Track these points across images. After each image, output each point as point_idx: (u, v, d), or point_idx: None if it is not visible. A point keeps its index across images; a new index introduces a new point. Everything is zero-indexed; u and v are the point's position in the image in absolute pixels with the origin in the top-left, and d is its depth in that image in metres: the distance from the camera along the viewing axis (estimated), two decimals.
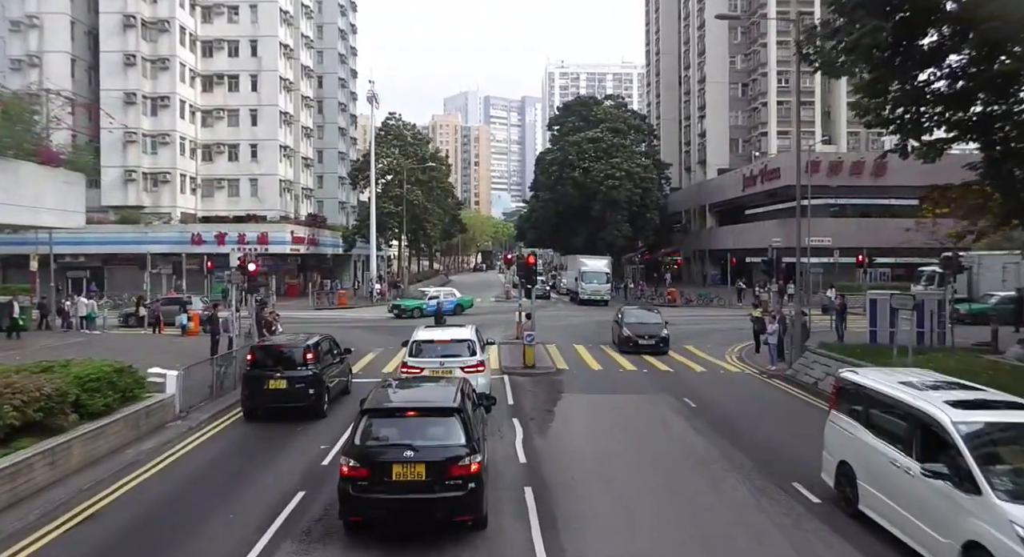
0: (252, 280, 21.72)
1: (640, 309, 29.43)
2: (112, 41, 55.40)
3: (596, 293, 49.05)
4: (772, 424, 15.61)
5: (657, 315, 27.50)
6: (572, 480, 11.50)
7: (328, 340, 17.66)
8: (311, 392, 15.62)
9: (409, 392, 10.63)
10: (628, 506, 10.35)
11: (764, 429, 15.08)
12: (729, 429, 14.95)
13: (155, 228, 53.75)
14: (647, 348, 25.29)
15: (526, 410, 16.71)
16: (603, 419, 15.92)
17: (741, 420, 15.82)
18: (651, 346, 25.41)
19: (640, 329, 25.83)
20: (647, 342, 25.43)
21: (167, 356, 23.34)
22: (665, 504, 10.54)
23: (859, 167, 54.15)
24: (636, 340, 25.45)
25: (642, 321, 26.60)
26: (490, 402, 11.96)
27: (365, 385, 19.68)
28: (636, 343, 25.40)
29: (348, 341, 29.96)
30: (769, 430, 15.01)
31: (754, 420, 15.88)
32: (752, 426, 15.29)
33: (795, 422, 15.79)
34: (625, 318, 26.95)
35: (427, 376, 12.59)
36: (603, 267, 51.04)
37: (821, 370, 19.65)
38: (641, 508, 10.31)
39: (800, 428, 14.94)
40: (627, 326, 26.10)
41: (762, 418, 16.14)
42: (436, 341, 16.18)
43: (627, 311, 28.20)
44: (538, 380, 20.60)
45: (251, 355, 16.04)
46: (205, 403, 16.96)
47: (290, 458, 13.04)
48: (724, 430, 14.86)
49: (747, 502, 10.57)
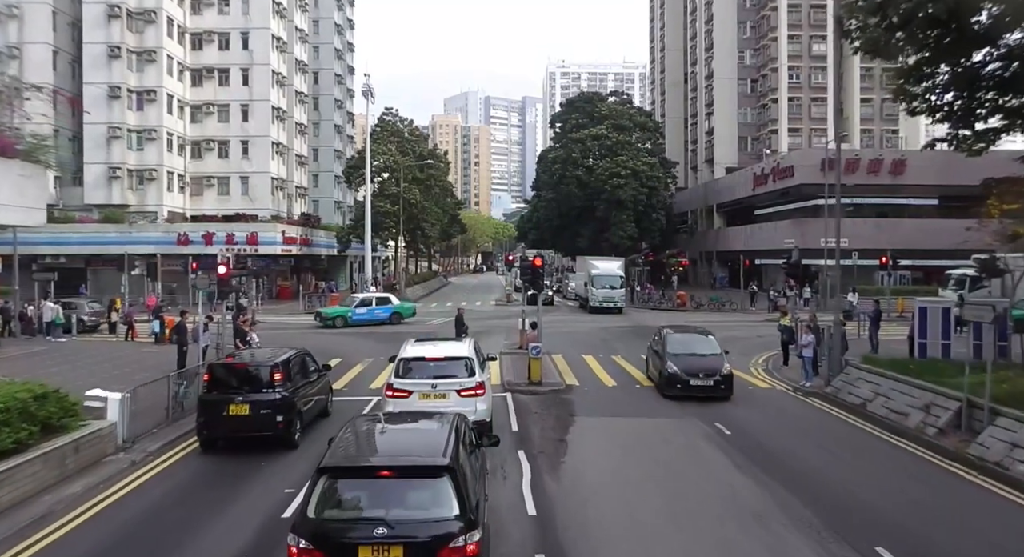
0: (224, 284, 19.14)
1: (688, 333, 20.58)
2: (96, 32, 52.94)
3: (609, 299, 43.51)
4: (827, 459, 13.13)
5: (711, 339, 19.66)
6: (597, 542, 9.08)
7: (302, 356, 15.21)
8: (279, 419, 13.19)
9: (386, 438, 8.15)
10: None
11: (819, 466, 12.60)
12: (776, 466, 12.50)
13: (139, 228, 51.29)
14: (702, 390, 17.83)
15: (533, 439, 14.26)
16: (625, 451, 13.47)
17: (788, 453, 13.36)
18: (708, 388, 17.86)
19: (692, 364, 18.23)
20: (702, 382, 17.85)
21: (129, 369, 20.98)
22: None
23: (877, 165, 51.72)
24: (686, 379, 17.89)
25: (694, 351, 18.91)
26: (492, 441, 9.54)
27: (349, 404, 17.35)
28: (686, 383, 17.86)
29: (335, 349, 27.91)
30: (826, 467, 12.55)
31: (804, 453, 13.40)
32: (803, 462, 12.83)
33: (855, 456, 13.34)
34: (669, 346, 19.01)
35: (411, 412, 10.16)
36: (616, 270, 45.56)
37: (868, 389, 17.20)
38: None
39: (865, 465, 12.52)
40: (673, 359, 18.41)
41: (813, 450, 13.65)
42: (428, 359, 13.71)
43: (671, 337, 19.62)
44: (545, 399, 18.14)
45: (208, 375, 13.60)
46: (159, 429, 14.53)
47: (245, 505, 10.60)
48: (771, 467, 12.41)
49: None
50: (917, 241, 49.13)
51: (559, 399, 18.17)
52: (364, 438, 7.90)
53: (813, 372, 20.16)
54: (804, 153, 56.45)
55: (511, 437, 14.30)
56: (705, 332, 20.59)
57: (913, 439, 14.13)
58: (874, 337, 25.08)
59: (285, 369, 13.75)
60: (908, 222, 52.28)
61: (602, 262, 46.67)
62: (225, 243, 49.83)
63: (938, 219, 52.96)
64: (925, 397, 15.08)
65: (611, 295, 43.64)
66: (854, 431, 15.32)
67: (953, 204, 53.74)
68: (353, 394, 18.86)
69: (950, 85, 19.22)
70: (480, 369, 13.88)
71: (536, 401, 17.90)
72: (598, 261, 46.89)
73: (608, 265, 45.90)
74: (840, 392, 18.29)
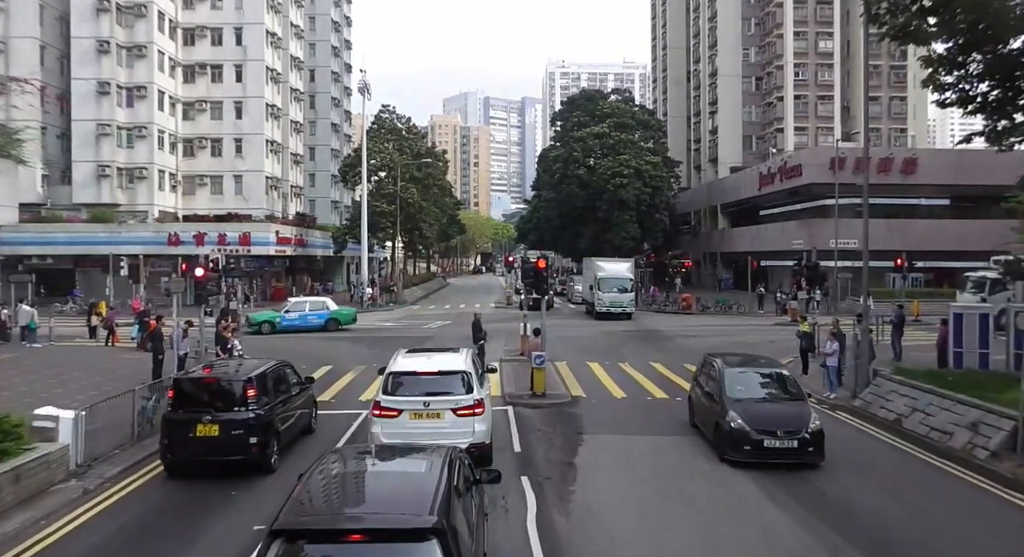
0: (201, 287, 17.61)
1: (752, 367, 14.38)
2: (84, 26, 51.44)
3: (617, 304, 39.86)
4: (869, 488, 11.62)
5: (786, 375, 14.04)
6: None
7: (281, 368, 13.73)
8: (253, 441, 11.71)
9: (360, 484, 6.65)
10: None
11: (865, 499, 11.07)
12: (817, 498, 10.97)
13: (129, 227, 49.81)
14: (782, 455, 12.28)
15: (538, 463, 12.78)
16: (643, 478, 11.95)
17: (827, 481, 11.83)
18: (791, 452, 12.28)
19: (765, 416, 12.57)
20: (783, 443, 12.24)
21: (100, 379, 19.51)
22: None
23: (887, 164, 50.26)
24: (758, 440, 12.23)
25: (765, 394, 13.32)
26: (491, 477, 8.08)
27: (335, 419, 15.92)
28: (758, 445, 12.24)
29: (326, 356, 26.39)
30: (871, 500, 11.05)
31: (844, 482, 11.82)
32: (844, 492, 11.30)
33: (896, 482, 11.88)
34: (729, 388, 13.18)
35: (393, 448, 8.64)
36: (624, 272, 41.73)
37: (903, 403, 15.74)
38: None
39: (917, 499, 11.01)
40: (736, 407, 12.68)
41: (852, 477, 12.11)
42: (419, 373, 12.21)
43: (729, 374, 13.56)
44: (550, 414, 16.66)
45: (173, 390, 12.12)
46: (121, 451, 13.06)
47: (206, 548, 9.14)
48: (810, 500, 10.88)
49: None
50: (929, 242, 47.72)
51: (565, 414, 16.69)
52: (333, 485, 6.40)
53: (837, 382, 18.73)
54: (813, 151, 55.03)
55: (513, 459, 12.84)
56: (772, 363, 15.18)
57: (961, 462, 12.66)
58: (897, 344, 23.57)
59: (260, 384, 12.28)
60: (920, 223, 50.86)
61: (609, 263, 43.16)
62: (217, 243, 48.42)
63: (950, 220, 51.65)
64: (971, 414, 13.62)
65: (619, 299, 40.22)
66: (893, 453, 13.83)
67: (965, 204, 52.44)
68: (341, 407, 17.41)
69: (985, 74, 17.90)
70: (479, 384, 12.39)
71: (540, 416, 16.42)
72: (605, 262, 43.45)
73: (616, 267, 42.34)
74: (871, 406, 16.82)
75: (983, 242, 50.36)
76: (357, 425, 15.46)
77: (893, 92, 66.51)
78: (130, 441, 13.47)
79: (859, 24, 65.43)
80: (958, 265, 52.63)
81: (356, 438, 14.47)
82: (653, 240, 64.66)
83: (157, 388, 14.94)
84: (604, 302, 40.35)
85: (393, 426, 11.57)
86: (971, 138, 19.31)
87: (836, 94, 66.10)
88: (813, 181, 49.77)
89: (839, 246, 43.10)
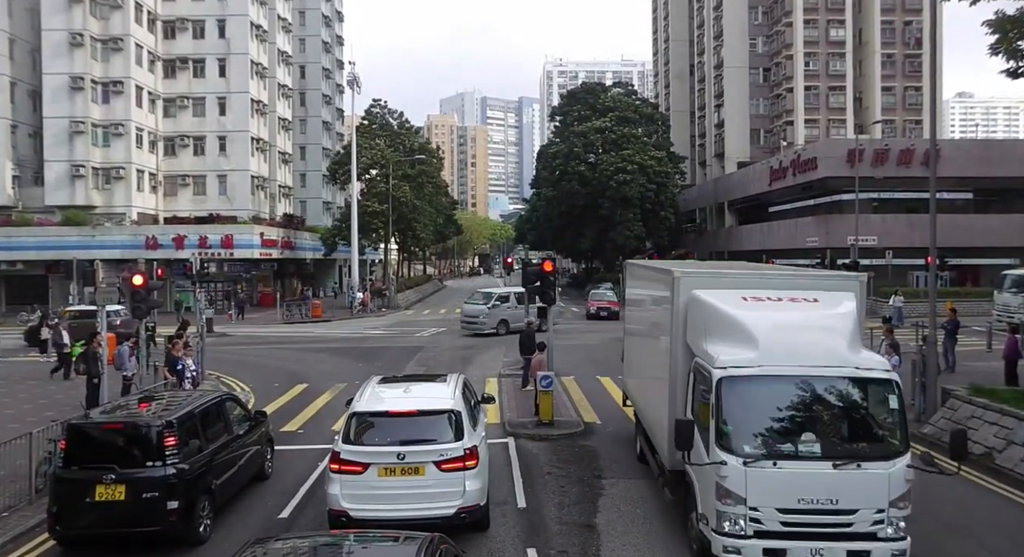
0: (138, 298, 14.58)
1: None
2: (56, 18, 48.52)
3: None
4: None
5: None
6: None
7: (219, 403, 10.80)
8: (172, 506, 8.80)
9: None
10: None
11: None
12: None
13: (104, 231, 46.91)
14: None
15: (549, 524, 9.85)
16: (681, 540, 9.10)
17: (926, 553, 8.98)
18: None
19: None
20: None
21: (28, 407, 16.61)
22: None
23: (908, 156, 47.37)
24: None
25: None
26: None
27: (301, 456, 13.08)
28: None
29: (303, 372, 23.36)
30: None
31: (949, 549, 9.02)
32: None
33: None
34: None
35: (360, 532, 5.86)
36: None
37: (992, 433, 12.89)
38: None
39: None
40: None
41: (955, 542, 9.27)
42: (392, 413, 9.28)
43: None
44: (561, 449, 13.72)
45: (65, 440, 9.22)
46: (13, 511, 10.18)
47: None
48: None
49: None
50: (952, 238, 44.77)
51: (578, 448, 13.78)
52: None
53: None
54: (828, 144, 52.15)
55: (516, 521, 9.94)
56: None
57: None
58: (950, 353, 20.78)
59: (184, 429, 9.37)
60: (943, 218, 47.52)
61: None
62: (198, 246, 45.59)
63: (974, 214, 48.79)
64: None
65: None
66: (998, 503, 10.95)
67: (991, 198, 49.59)
68: (309, 440, 14.50)
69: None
70: (472, 425, 9.40)
71: (548, 452, 13.50)
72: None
73: None
74: (945, 436, 13.93)
75: (1010, 238, 47.70)
76: (324, 467, 12.57)
77: (908, 81, 63.65)
78: (29, 499, 10.59)
79: (872, 11, 62.95)
80: (983, 262, 49.96)
81: (320, 486, 11.59)
82: (658, 239, 61.80)
83: None
84: None
85: (357, 486, 8.68)
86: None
87: (848, 84, 63.11)
88: (829, 175, 46.91)
89: (858, 243, 40.44)
